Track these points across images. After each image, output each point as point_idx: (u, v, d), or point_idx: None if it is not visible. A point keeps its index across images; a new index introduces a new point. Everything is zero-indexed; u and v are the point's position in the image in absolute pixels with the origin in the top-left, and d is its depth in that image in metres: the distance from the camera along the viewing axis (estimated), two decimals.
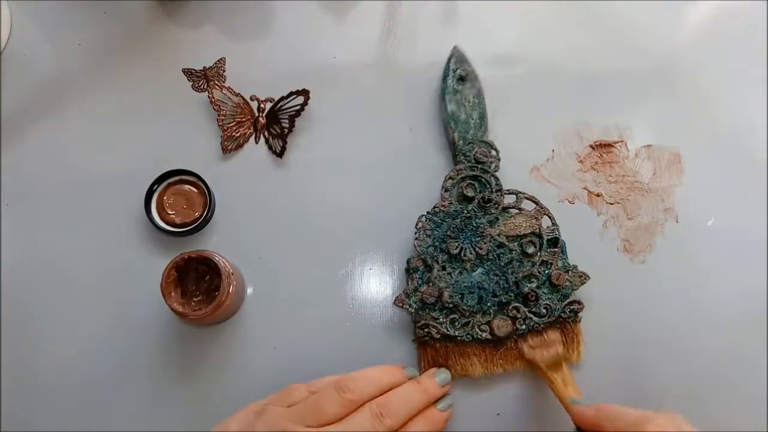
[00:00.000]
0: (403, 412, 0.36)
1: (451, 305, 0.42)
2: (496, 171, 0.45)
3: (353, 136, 0.49)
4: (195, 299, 0.42)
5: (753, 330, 0.44)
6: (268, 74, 0.50)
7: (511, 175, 0.46)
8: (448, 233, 0.43)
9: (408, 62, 0.51)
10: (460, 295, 0.42)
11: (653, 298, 0.45)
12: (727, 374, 0.44)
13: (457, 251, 0.43)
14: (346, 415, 0.35)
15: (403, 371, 0.39)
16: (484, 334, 0.42)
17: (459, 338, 0.42)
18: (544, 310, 0.42)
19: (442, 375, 0.40)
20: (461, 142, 0.46)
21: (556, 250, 0.43)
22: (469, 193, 0.44)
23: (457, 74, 0.48)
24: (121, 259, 0.45)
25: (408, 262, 0.43)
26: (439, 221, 0.44)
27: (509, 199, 0.44)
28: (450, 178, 0.45)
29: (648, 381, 0.43)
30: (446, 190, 0.44)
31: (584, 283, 0.43)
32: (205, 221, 0.45)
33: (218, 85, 0.48)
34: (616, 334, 0.44)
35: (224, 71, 0.50)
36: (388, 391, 0.37)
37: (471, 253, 0.43)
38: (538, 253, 0.43)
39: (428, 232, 0.43)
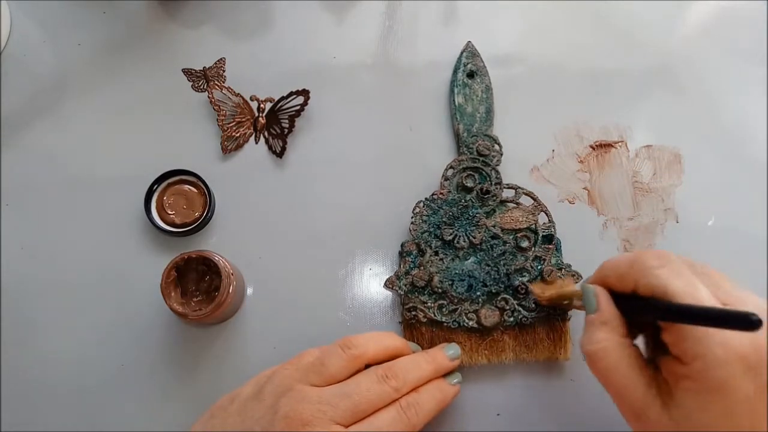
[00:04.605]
0: (409, 377, 0.35)
1: (440, 290, 0.42)
2: (497, 165, 0.45)
3: (353, 135, 0.49)
4: (195, 299, 0.42)
5: None
6: (268, 74, 0.50)
7: (512, 174, 0.47)
8: (444, 220, 0.43)
9: (408, 62, 0.51)
10: (450, 282, 0.42)
11: None
12: None
13: (450, 238, 0.43)
14: (351, 371, 0.35)
15: (407, 342, 0.39)
16: (471, 323, 0.42)
17: (445, 324, 0.42)
18: (533, 305, 0.42)
19: (452, 349, 0.40)
20: (465, 134, 0.47)
21: (550, 247, 0.43)
22: (469, 183, 0.45)
23: (468, 68, 0.49)
24: (121, 259, 0.45)
25: (402, 245, 0.44)
26: (437, 208, 0.44)
27: (508, 194, 0.45)
28: (451, 167, 0.45)
29: None
30: (446, 179, 0.45)
31: (576, 282, 0.43)
32: (205, 221, 0.45)
33: (218, 85, 0.48)
34: None
35: (224, 71, 0.50)
36: (392, 354, 0.37)
37: (464, 241, 0.43)
38: (532, 249, 0.43)
39: (424, 218, 0.44)
